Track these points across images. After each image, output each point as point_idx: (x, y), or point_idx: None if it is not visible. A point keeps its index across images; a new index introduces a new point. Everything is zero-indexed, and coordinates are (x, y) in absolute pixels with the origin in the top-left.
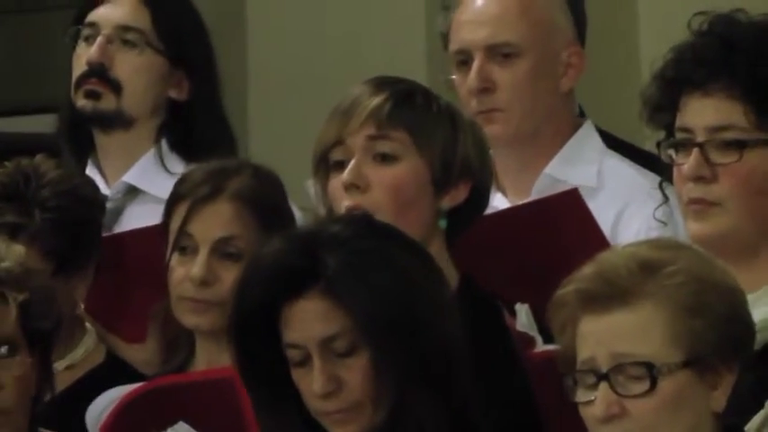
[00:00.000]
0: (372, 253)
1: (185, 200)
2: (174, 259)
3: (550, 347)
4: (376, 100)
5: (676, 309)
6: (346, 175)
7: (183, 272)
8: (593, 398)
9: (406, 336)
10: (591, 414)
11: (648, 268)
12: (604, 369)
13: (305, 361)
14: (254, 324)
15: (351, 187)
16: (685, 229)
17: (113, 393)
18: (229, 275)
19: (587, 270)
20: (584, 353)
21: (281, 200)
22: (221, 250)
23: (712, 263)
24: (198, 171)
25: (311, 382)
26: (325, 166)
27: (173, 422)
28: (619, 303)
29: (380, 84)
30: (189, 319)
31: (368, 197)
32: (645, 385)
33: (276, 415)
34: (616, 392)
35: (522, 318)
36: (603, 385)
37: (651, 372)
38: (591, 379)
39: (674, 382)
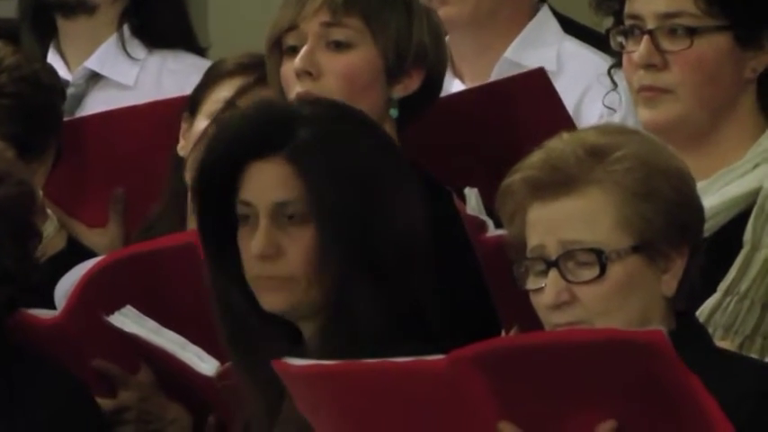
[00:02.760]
0: (344, 136)
1: (236, 76)
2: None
3: (502, 232)
4: None
5: (625, 194)
6: (298, 61)
7: None
8: (542, 285)
9: (356, 221)
10: (541, 301)
11: (596, 154)
12: (554, 256)
13: (252, 221)
14: (217, 179)
15: (303, 74)
16: (635, 116)
17: (81, 269)
18: None
19: (534, 157)
20: (533, 240)
21: None
22: None
23: (660, 147)
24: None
25: (252, 243)
26: (279, 50)
27: (146, 295)
28: (567, 190)
29: None
30: None
31: (319, 84)
32: (594, 271)
33: (223, 276)
34: (566, 279)
35: (472, 202)
36: (553, 272)
37: (600, 258)
38: (540, 266)
39: (624, 267)
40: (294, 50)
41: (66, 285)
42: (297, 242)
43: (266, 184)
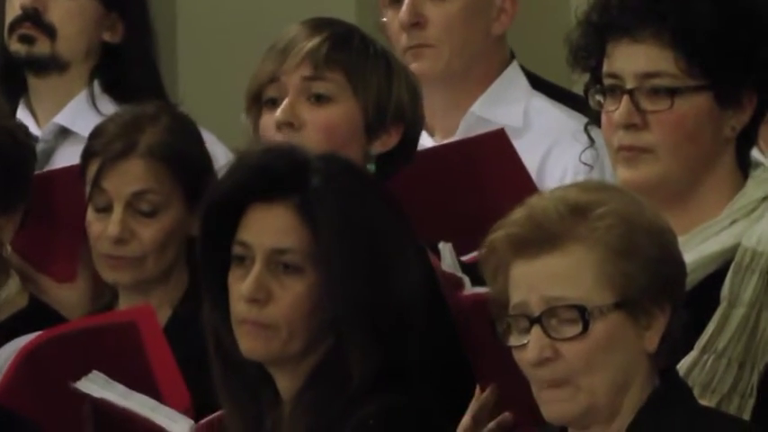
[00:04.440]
0: (354, 190)
1: (98, 156)
2: (91, 214)
3: (479, 289)
4: (314, 41)
5: (607, 251)
6: (280, 113)
7: (100, 228)
8: (525, 342)
9: (363, 278)
10: (524, 358)
11: (578, 211)
12: (536, 313)
13: (247, 262)
14: (221, 212)
15: (284, 125)
16: (613, 173)
17: (20, 342)
18: (146, 231)
19: (517, 215)
20: (516, 297)
21: (195, 148)
22: (135, 206)
23: (642, 204)
24: (111, 124)
25: (243, 285)
26: (259, 102)
27: (85, 371)
28: (550, 247)
29: (318, 25)
30: (108, 275)
31: (299, 136)
32: (577, 328)
33: (217, 316)
34: (549, 336)
35: (447, 258)
36: (536, 329)
37: (583, 314)
38: (523, 323)
39: (607, 323)
40: (274, 103)
41: (1, 358)
42: (287, 291)
43: (268, 228)
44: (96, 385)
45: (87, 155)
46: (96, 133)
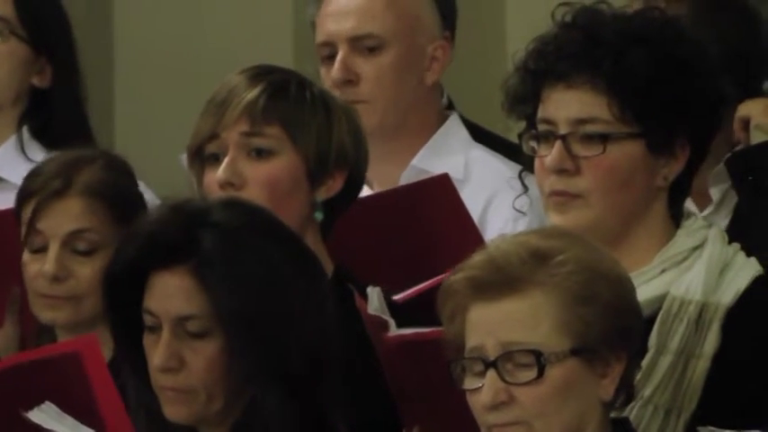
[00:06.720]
0: (249, 245)
1: (34, 196)
2: (27, 256)
3: (405, 331)
4: (250, 94)
5: (565, 297)
6: (221, 173)
7: (36, 268)
8: (480, 385)
9: (267, 334)
10: (478, 401)
11: (539, 256)
12: (492, 357)
13: (157, 329)
14: (124, 283)
15: (226, 185)
16: (546, 220)
17: None
18: (83, 269)
19: (478, 257)
20: (472, 341)
21: (132, 189)
22: (72, 245)
23: (602, 253)
24: (48, 165)
25: (155, 355)
26: (201, 157)
27: (32, 403)
28: (509, 291)
29: (256, 75)
30: (44, 314)
31: (243, 194)
32: (533, 373)
33: (136, 377)
34: (504, 380)
35: (374, 301)
36: (491, 373)
37: (539, 359)
38: (479, 366)
39: (562, 369)
40: (216, 158)
41: None
42: (199, 355)
43: (169, 296)
44: (47, 416)
45: (23, 196)
46: (32, 174)
